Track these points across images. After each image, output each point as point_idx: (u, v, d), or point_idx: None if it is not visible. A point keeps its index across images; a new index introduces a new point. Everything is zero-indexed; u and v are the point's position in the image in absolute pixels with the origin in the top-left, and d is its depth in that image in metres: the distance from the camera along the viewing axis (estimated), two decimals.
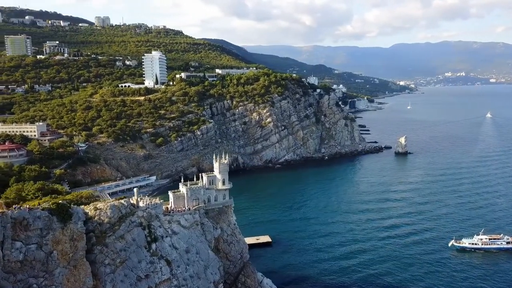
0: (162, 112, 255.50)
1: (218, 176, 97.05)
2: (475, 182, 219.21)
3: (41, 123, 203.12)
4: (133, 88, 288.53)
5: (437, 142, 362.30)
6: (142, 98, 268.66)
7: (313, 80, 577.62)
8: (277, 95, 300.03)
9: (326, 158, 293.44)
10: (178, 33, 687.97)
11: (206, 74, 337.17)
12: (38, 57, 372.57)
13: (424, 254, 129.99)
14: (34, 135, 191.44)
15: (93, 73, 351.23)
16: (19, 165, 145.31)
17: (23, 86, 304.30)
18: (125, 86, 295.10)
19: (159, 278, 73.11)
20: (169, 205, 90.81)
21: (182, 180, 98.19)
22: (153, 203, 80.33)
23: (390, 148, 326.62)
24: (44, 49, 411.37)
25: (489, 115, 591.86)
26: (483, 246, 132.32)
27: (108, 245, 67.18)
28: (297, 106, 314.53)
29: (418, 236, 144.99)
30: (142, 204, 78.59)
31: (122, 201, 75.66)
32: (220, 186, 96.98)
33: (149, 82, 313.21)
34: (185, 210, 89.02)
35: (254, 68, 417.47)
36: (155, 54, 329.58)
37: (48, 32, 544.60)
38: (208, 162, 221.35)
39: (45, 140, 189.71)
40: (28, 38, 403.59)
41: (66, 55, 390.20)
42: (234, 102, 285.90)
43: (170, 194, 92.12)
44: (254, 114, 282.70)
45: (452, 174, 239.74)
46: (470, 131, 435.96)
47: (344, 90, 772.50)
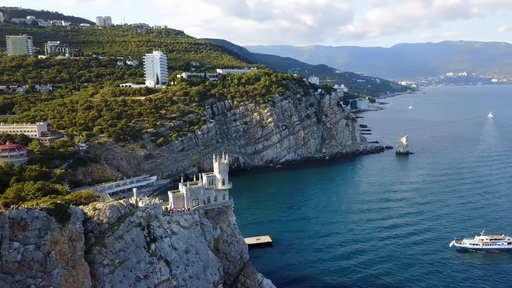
0: (163, 112, 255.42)
1: (218, 176, 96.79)
2: (476, 182, 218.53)
3: (41, 123, 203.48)
4: (134, 88, 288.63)
5: (438, 142, 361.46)
6: (143, 98, 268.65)
7: (314, 80, 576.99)
8: (278, 95, 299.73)
9: (327, 158, 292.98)
10: (179, 33, 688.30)
11: (207, 74, 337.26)
12: (39, 57, 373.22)
13: (424, 254, 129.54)
14: (35, 135, 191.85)
15: (94, 73, 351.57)
16: (20, 165, 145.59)
17: (24, 86, 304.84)
18: (126, 86, 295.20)
19: (158, 279, 72.79)
20: (168, 205, 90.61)
21: (182, 180, 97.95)
22: (152, 203, 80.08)
23: (391, 148, 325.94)
24: (45, 49, 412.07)
25: (490, 115, 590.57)
26: (484, 247, 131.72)
27: (107, 245, 66.95)
28: (298, 106, 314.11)
29: (419, 236, 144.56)
30: (141, 204, 78.36)
31: (121, 201, 75.47)
32: (220, 186, 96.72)
33: (150, 82, 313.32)
34: (184, 210, 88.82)
35: (255, 68, 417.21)
36: (156, 54, 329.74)
37: (49, 32, 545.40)
38: (209, 162, 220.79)
39: (45, 140, 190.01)
40: (29, 38, 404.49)
41: (67, 55, 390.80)
42: (235, 102, 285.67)
43: (170, 194, 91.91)
44: (255, 114, 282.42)
45: (453, 174, 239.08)
46: (471, 131, 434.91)
47: (345, 90, 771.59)
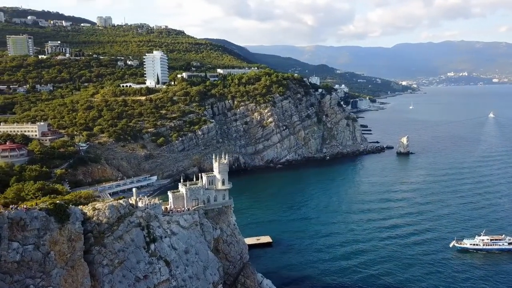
0: (163, 112, 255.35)
1: (218, 176, 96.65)
2: (477, 182, 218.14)
3: (42, 123, 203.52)
4: (134, 88, 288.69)
5: (439, 142, 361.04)
6: (143, 98, 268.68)
7: (315, 80, 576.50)
8: (278, 95, 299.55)
9: (328, 158, 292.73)
10: (180, 33, 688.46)
11: (208, 74, 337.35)
12: (40, 57, 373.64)
13: (425, 254, 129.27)
14: (35, 135, 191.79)
15: (94, 73, 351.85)
16: (20, 165, 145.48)
17: (25, 86, 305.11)
18: (126, 86, 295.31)
19: (158, 279, 72.66)
20: (168, 205, 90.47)
21: (182, 180, 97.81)
22: (152, 203, 79.95)
23: (392, 148, 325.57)
24: (46, 49, 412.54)
25: (491, 115, 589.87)
26: (485, 247, 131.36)
27: (106, 245, 66.81)
28: (298, 106, 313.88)
29: (419, 236, 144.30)
30: (141, 204, 78.21)
31: (121, 201, 75.30)
32: (219, 186, 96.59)
33: (150, 82, 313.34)
34: (184, 211, 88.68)
35: (256, 68, 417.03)
36: (157, 54, 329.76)
37: (50, 32, 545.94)
38: (209, 162, 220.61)
39: (46, 140, 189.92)
40: (30, 38, 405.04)
41: (67, 55, 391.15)
42: (236, 102, 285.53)
43: (169, 194, 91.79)
44: (256, 114, 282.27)
45: (454, 174, 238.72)
46: (472, 131, 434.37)
47: (346, 90, 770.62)
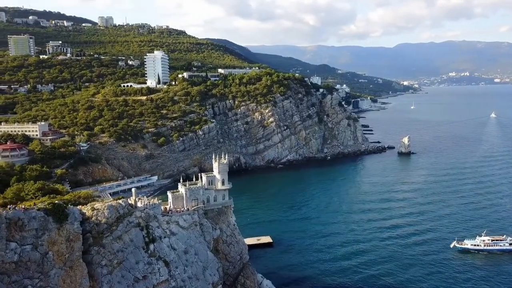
0: (164, 111, 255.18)
1: (218, 176, 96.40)
2: (479, 183, 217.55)
3: (43, 123, 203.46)
4: (135, 87, 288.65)
5: (440, 142, 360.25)
6: (144, 97, 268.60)
7: (316, 80, 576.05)
8: (279, 95, 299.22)
9: (329, 158, 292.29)
10: (181, 33, 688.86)
11: (209, 74, 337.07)
12: (41, 57, 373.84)
13: (426, 255, 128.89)
14: (36, 135, 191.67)
15: (95, 73, 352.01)
16: (21, 164, 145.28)
17: (26, 86, 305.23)
18: (127, 86, 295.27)
19: (157, 279, 72.48)
20: (167, 205, 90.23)
21: (181, 180, 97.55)
22: (151, 204, 79.75)
23: (393, 148, 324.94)
24: (47, 49, 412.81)
25: (493, 115, 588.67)
26: (486, 248, 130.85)
27: (105, 245, 66.67)
28: (299, 105, 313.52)
29: (420, 236, 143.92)
30: (140, 204, 78.03)
31: (120, 201, 75.13)
32: (219, 186, 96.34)
33: (151, 82, 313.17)
34: (184, 211, 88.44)
35: (257, 68, 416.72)
36: (158, 54, 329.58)
37: (51, 32, 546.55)
38: (210, 162, 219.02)
39: (46, 139, 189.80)
40: (31, 38, 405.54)
41: (68, 55, 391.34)
42: (236, 102, 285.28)
43: (169, 194, 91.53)
44: (256, 114, 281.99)
45: (455, 174, 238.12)
46: (474, 131, 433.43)
47: (347, 90, 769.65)
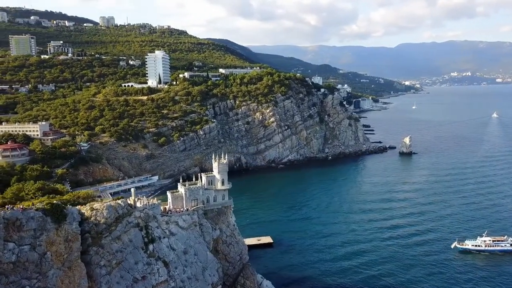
0: (165, 111, 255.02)
1: (217, 176, 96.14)
2: (480, 183, 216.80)
3: (43, 123, 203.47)
4: (136, 87, 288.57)
5: (442, 142, 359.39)
6: (145, 97, 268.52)
7: (317, 80, 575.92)
8: (280, 95, 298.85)
9: (330, 158, 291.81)
10: (183, 33, 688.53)
11: (210, 74, 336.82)
12: (42, 57, 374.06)
13: (426, 255, 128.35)
14: (37, 135, 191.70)
15: (96, 73, 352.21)
16: (21, 164, 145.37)
17: (27, 86, 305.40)
18: (128, 86, 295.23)
19: (156, 280, 72.30)
20: (167, 205, 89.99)
21: (181, 180, 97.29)
22: (150, 204, 79.55)
23: (395, 148, 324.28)
24: (48, 49, 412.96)
25: (495, 115, 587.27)
26: (487, 248, 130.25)
27: (104, 246, 66.52)
28: (300, 105, 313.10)
29: (421, 237, 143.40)
30: (139, 204, 77.86)
31: (119, 201, 74.95)
32: (219, 186, 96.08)
33: (152, 82, 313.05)
34: (183, 211, 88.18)
35: (258, 67, 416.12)
36: (158, 54, 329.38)
37: (53, 32, 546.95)
38: (210, 162, 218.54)
39: (47, 139, 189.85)
40: (32, 38, 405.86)
41: (70, 55, 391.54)
42: (237, 102, 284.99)
43: (169, 195, 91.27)
44: (257, 114, 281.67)
45: (456, 174, 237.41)
46: (475, 131, 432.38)
47: (349, 90, 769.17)
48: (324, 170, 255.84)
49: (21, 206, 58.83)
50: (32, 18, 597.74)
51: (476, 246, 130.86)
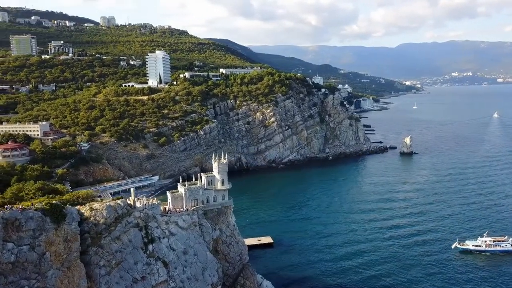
0: (165, 111, 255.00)
1: (217, 176, 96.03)
2: (481, 183, 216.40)
3: (44, 123, 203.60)
4: (136, 87, 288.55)
5: (442, 142, 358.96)
6: (146, 97, 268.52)
7: (318, 80, 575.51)
8: (281, 95, 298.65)
9: (330, 158, 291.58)
10: (183, 33, 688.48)
11: (210, 74, 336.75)
12: (43, 57, 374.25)
13: (427, 255, 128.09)
14: (37, 135, 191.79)
15: (97, 72, 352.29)
16: (22, 164, 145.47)
17: (28, 86, 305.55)
18: (128, 86, 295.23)
19: (156, 280, 72.16)
20: (167, 205, 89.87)
21: (181, 180, 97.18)
22: (150, 204, 79.44)
23: (395, 148, 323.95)
24: (49, 49, 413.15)
25: (496, 115, 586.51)
26: (487, 249, 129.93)
27: (103, 246, 66.40)
28: (301, 105, 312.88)
29: (421, 237, 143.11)
30: (139, 204, 77.76)
31: (119, 201, 74.81)
32: (219, 186, 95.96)
33: (152, 82, 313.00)
34: (183, 211, 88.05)
35: (259, 67, 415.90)
36: (159, 54, 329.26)
37: (53, 32, 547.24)
38: (211, 162, 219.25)
39: (48, 139, 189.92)
40: (33, 38, 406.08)
41: (70, 55, 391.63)
42: (238, 102, 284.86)
43: (168, 195, 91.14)
44: (258, 114, 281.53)
45: (457, 174, 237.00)
46: (476, 131, 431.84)
47: (349, 90, 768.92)
48: (324, 170, 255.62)
49: (20, 206, 58.74)
50: (33, 18, 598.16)
51: (476, 246, 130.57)
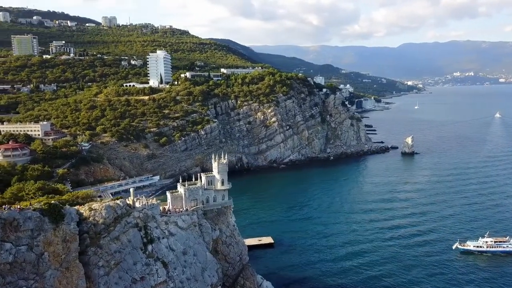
0: (166, 111, 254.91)
1: (217, 176, 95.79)
2: (482, 183, 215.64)
3: (45, 123, 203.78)
4: (137, 87, 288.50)
5: (444, 142, 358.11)
6: (147, 97, 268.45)
7: (319, 79, 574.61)
8: (282, 95, 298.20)
9: (332, 158, 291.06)
10: (185, 33, 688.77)
11: (211, 74, 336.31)
12: (44, 57, 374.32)
13: (428, 256, 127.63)
14: (38, 135, 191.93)
15: (98, 72, 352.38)
16: (22, 164, 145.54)
17: (29, 86, 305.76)
18: (129, 86, 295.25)
19: (155, 281, 71.89)
20: (166, 205, 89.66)
21: (181, 180, 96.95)
22: (149, 204, 79.21)
23: (397, 148, 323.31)
24: (50, 49, 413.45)
25: (498, 115, 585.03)
26: (489, 249, 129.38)
27: (102, 246, 66.14)
28: (302, 105, 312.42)
29: (422, 237, 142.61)
30: (138, 204, 77.55)
31: (118, 201, 74.57)
32: (219, 186, 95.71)
33: (153, 82, 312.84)
34: (183, 211, 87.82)
35: (260, 67, 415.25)
36: (160, 54, 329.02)
37: (55, 32, 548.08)
38: (211, 162, 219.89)
39: (48, 139, 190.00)
40: (34, 38, 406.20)
41: (72, 55, 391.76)
42: (239, 102, 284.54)
43: (168, 195, 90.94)
44: (259, 114, 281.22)
45: (459, 174, 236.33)
46: (478, 131, 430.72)
47: (351, 90, 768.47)
48: (325, 170, 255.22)
49: (18, 206, 58.56)
50: (34, 18, 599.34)
51: (477, 247, 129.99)
